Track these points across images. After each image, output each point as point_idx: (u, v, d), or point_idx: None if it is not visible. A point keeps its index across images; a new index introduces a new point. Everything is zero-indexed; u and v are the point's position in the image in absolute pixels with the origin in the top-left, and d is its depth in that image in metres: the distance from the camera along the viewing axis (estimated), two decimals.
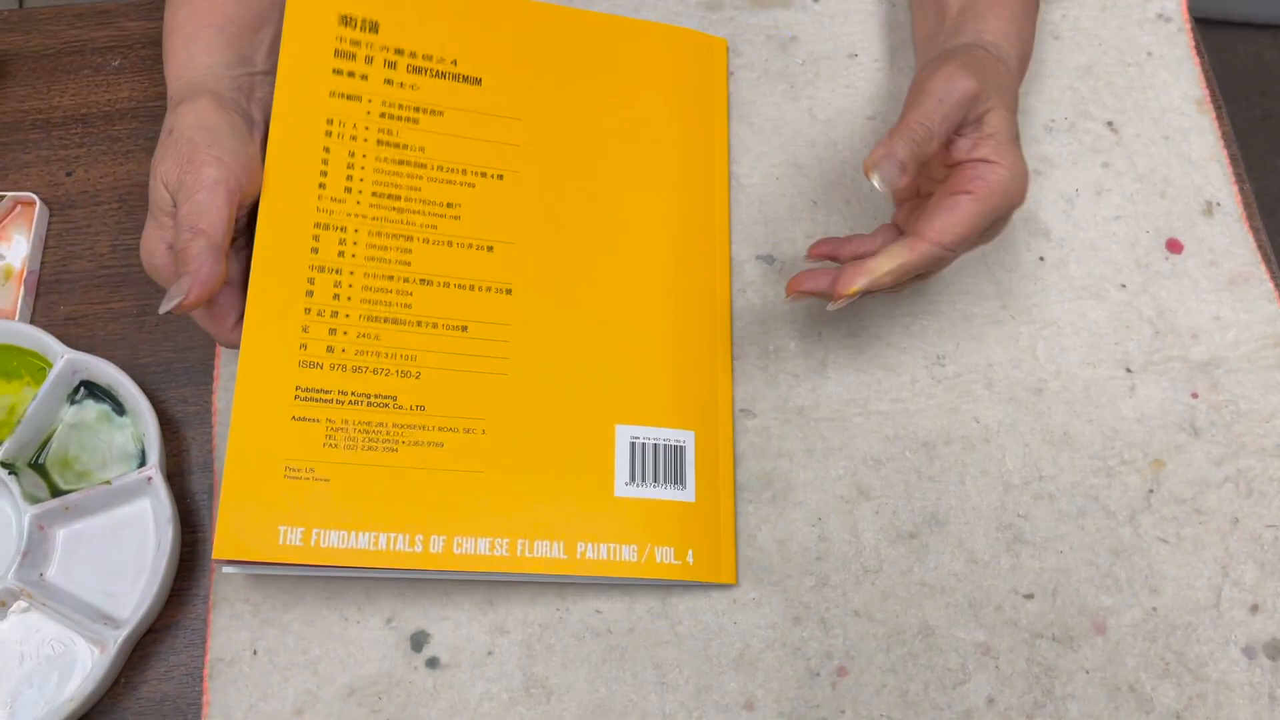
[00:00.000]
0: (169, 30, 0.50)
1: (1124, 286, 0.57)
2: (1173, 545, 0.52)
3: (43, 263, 0.57)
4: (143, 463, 0.51)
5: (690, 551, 0.50)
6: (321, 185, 0.50)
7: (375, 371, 0.49)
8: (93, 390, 0.53)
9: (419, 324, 0.50)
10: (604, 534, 0.49)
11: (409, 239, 0.51)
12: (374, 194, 0.51)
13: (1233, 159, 0.60)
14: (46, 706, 0.47)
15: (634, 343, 0.53)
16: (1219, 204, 0.58)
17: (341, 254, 0.50)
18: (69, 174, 0.58)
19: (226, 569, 0.47)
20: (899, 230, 0.51)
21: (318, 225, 0.50)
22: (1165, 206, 0.58)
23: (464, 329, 0.51)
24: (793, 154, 0.59)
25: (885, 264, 0.46)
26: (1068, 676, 0.50)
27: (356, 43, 0.52)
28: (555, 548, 0.49)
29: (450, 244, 0.52)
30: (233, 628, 0.50)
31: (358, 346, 0.49)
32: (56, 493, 0.51)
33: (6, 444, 0.50)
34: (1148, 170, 0.59)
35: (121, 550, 0.51)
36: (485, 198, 0.53)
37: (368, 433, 0.48)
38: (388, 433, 0.49)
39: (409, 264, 0.51)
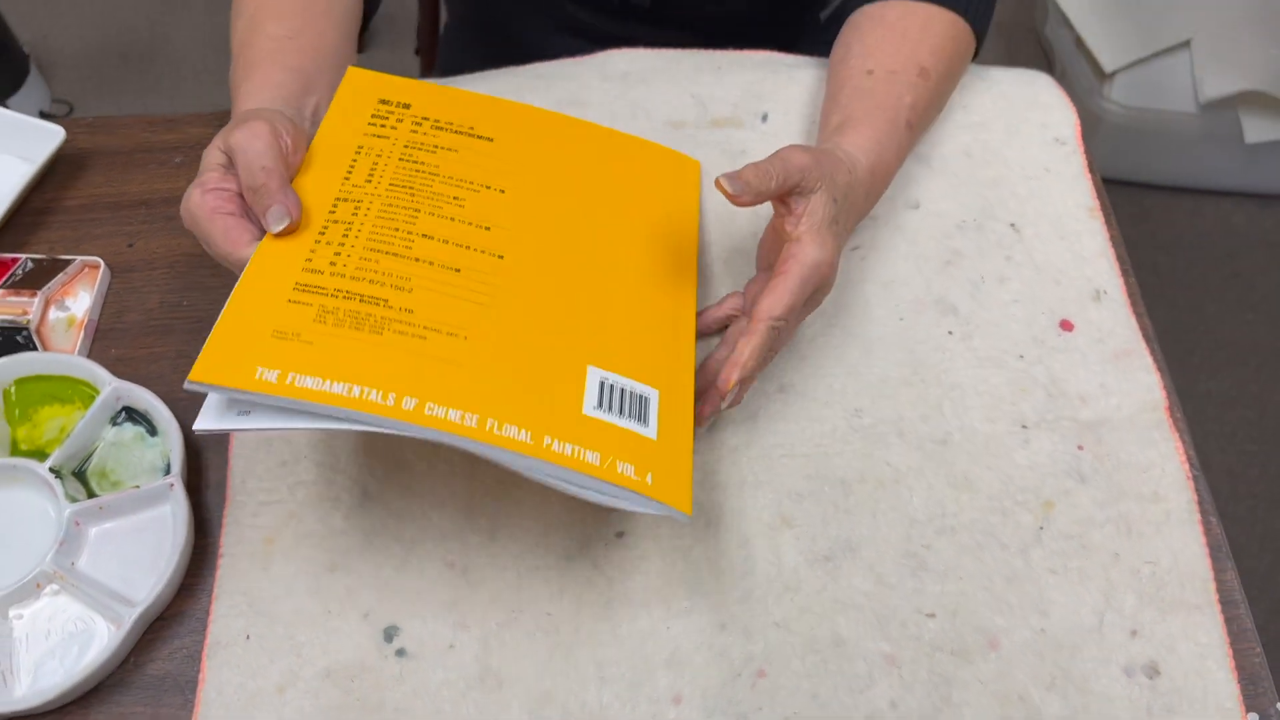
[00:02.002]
0: (234, 96, 0.61)
1: (1022, 357, 0.65)
2: (1060, 575, 0.59)
3: (101, 314, 0.67)
4: (168, 475, 0.60)
5: (650, 474, 0.51)
6: (346, 176, 0.58)
7: (370, 281, 0.53)
8: (132, 415, 0.62)
9: (416, 260, 0.54)
10: (570, 436, 0.51)
11: (416, 210, 0.57)
12: (390, 185, 0.58)
13: (1119, 257, 0.69)
14: (65, 674, 0.55)
15: (609, 314, 0.57)
16: (1106, 292, 0.68)
17: (355, 214, 0.56)
18: (130, 245, 0.70)
19: (201, 422, 0.48)
20: (739, 296, 0.62)
21: (338, 199, 0.56)
22: (1059, 293, 0.68)
23: (457, 270, 0.55)
24: (740, 242, 0.70)
25: (744, 352, 0.55)
26: (963, 686, 0.56)
27: (390, 111, 0.62)
28: (523, 434, 0.50)
29: (453, 220, 0.57)
30: (230, 615, 0.57)
31: (357, 265, 0.53)
32: (92, 497, 0.60)
33: (55, 454, 0.60)
34: (1044, 263, 0.69)
35: (143, 546, 0.59)
36: (486, 200, 0.59)
37: (356, 317, 0.51)
38: (375, 321, 0.51)
39: (414, 224, 0.56)
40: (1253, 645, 0.58)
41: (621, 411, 0.53)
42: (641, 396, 0.54)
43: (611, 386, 0.54)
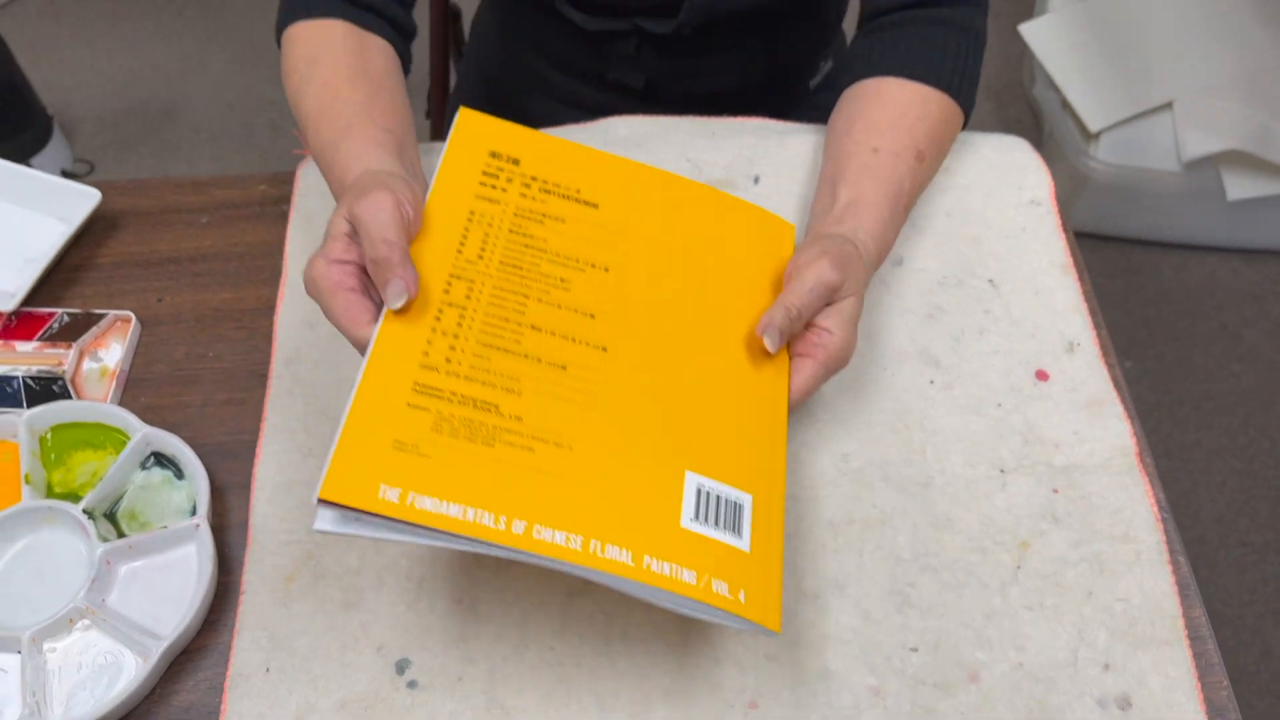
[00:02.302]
0: (334, 164, 0.64)
1: (1000, 405, 0.69)
2: (1036, 612, 0.62)
3: (132, 364, 0.71)
4: (194, 516, 0.64)
5: (742, 591, 0.53)
6: (459, 250, 0.61)
7: (483, 384, 0.55)
8: (160, 459, 0.66)
9: (525, 356, 0.57)
10: (668, 554, 0.52)
11: (525, 296, 0.59)
12: (501, 262, 0.60)
13: (1091, 311, 0.73)
14: (95, 705, 0.58)
15: (708, 410, 0.59)
16: (1079, 344, 0.72)
17: (468, 296, 0.58)
18: (159, 299, 0.74)
19: (320, 524, 0.50)
20: None
21: (451, 275, 0.58)
22: (1035, 345, 0.72)
23: (563, 368, 0.57)
24: None
25: None
26: (945, 717, 0.59)
27: (501, 169, 0.65)
28: (624, 554, 0.52)
29: (560, 306, 0.59)
30: (251, 649, 0.61)
31: (471, 363, 0.55)
32: (122, 537, 0.63)
33: (88, 496, 0.63)
34: (1021, 316, 0.73)
35: (169, 584, 0.63)
36: (592, 280, 0.61)
37: (470, 427, 0.53)
38: (488, 431, 0.53)
39: (523, 313, 0.58)
40: (1220, 679, 0.61)
41: (717, 523, 0.55)
42: (736, 504, 0.56)
43: (708, 494, 0.56)
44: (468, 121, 0.67)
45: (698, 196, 0.69)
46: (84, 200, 0.75)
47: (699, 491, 0.56)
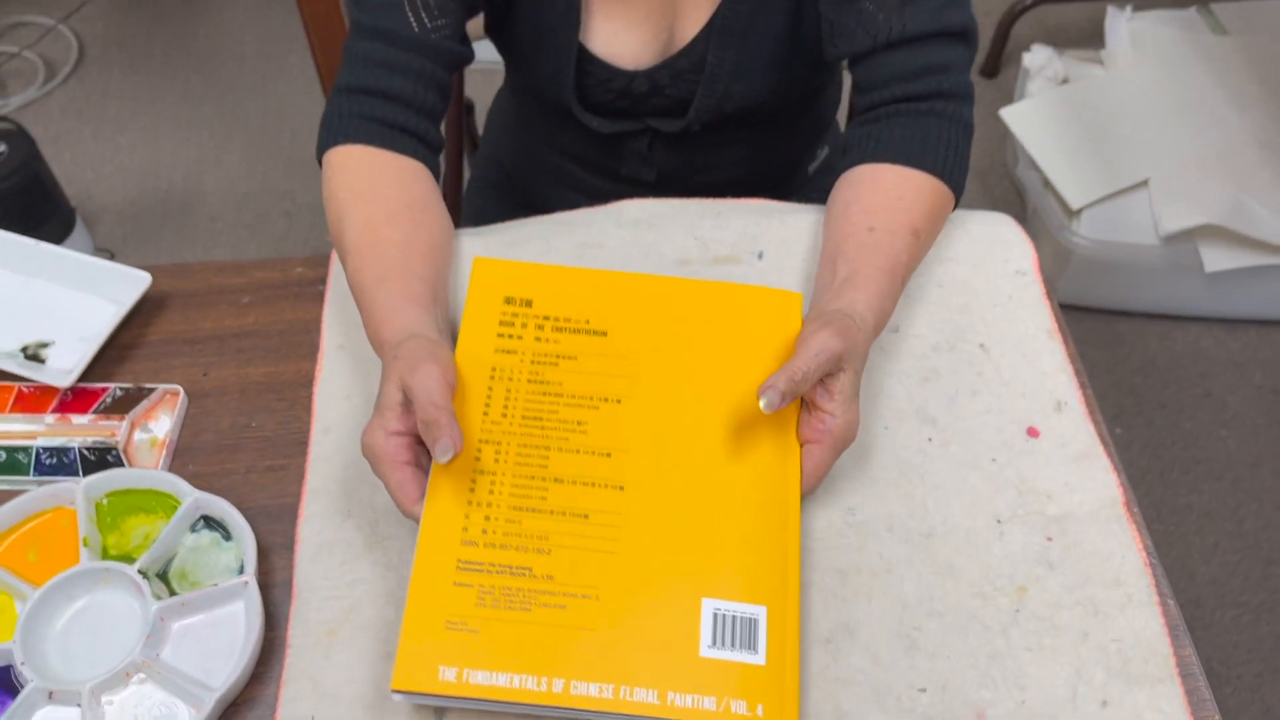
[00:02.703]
0: (373, 306, 0.71)
1: (994, 460, 0.74)
2: (1036, 652, 0.66)
3: (180, 434, 0.76)
4: (241, 574, 0.68)
5: (760, 705, 0.60)
6: (485, 412, 0.69)
7: (517, 549, 0.64)
8: (208, 522, 0.70)
9: (551, 512, 0.65)
10: (690, 686, 0.60)
11: (547, 449, 0.68)
12: (523, 417, 0.69)
13: (1077, 372, 0.79)
14: None
15: (722, 529, 0.66)
16: (1066, 403, 0.77)
17: (497, 460, 0.67)
18: (205, 374, 0.79)
19: (396, 697, 0.61)
20: None
21: (481, 440, 0.68)
22: (1025, 404, 0.77)
23: (585, 516, 0.66)
24: None
25: None
26: None
27: (516, 314, 0.73)
28: (650, 694, 0.60)
29: (578, 451, 0.68)
30: (297, 700, 0.64)
31: (504, 529, 0.65)
32: (174, 595, 0.67)
33: (143, 558, 0.68)
34: (1011, 378, 0.78)
35: (219, 638, 0.66)
36: (606, 417, 0.69)
37: (509, 595, 0.62)
38: (524, 596, 0.63)
39: (546, 467, 0.67)
40: (1211, 714, 0.65)
41: (734, 644, 0.62)
42: (751, 620, 0.63)
43: (724, 617, 0.63)
44: (482, 269, 0.75)
45: (702, 294, 0.76)
46: (135, 283, 0.81)
47: (715, 616, 0.63)
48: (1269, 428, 1.70)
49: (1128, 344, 1.80)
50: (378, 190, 0.77)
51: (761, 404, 0.64)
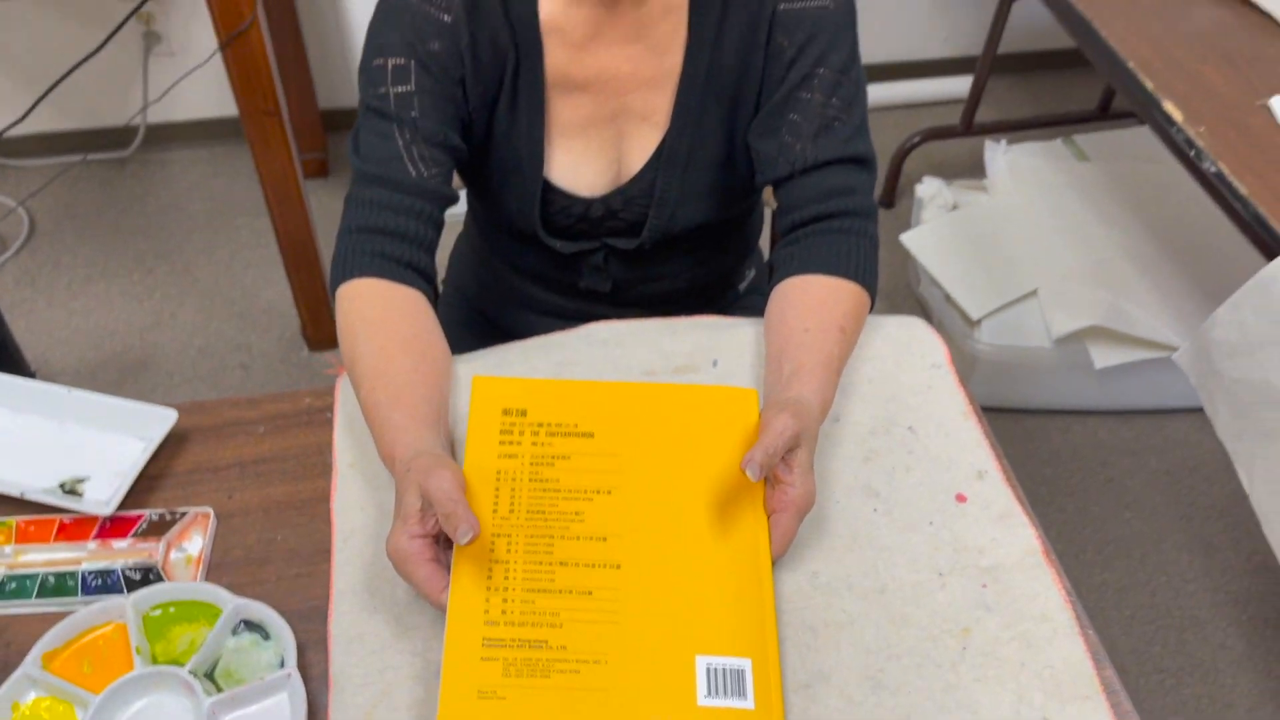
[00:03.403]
0: (385, 425, 0.81)
1: (931, 523, 0.86)
2: (983, 682, 0.77)
3: (212, 551, 0.84)
4: (283, 668, 0.76)
5: None
6: (495, 509, 0.79)
7: (533, 625, 0.73)
8: (248, 625, 0.78)
9: (560, 591, 0.75)
10: None
11: (551, 537, 0.78)
12: (528, 511, 0.79)
13: (992, 445, 0.92)
14: None
15: (707, 593, 0.76)
16: (986, 472, 0.90)
17: (509, 550, 0.77)
18: (230, 497, 0.88)
19: None
20: None
21: (494, 534, 0.77)
22: (951, 475, 0.90)
23: (589, 593, 0.75)
24: None
25: None
26: None
27: (514, 424, 0.84)
28: None
29: (578, 538, 0.78)
30: None
31: (521, 609, 0.74)
32: (221, 692, 0.75)
33: (192, 660, 0.75)
34: (938, 454, 0.91)
35: None
36: (600, 507, 0.80)
37: (530, 665, 0.72)
38: (544, 665, 0.72)
39: (551, 553, 0.77)
40: None
41: (725, 692, 0.72)
42: (739, 671, 0.73)
43: (716, 670, 0.73)
44: (481, 386, 0.87)
45: (672, 395, 0.88)
46: (163, 420, 0.90)
47: (709, 670, 0.73)
48: (1167, 507, 1.86)
49: (1035, 439, 1.96)
50: (389, 320, 0.88)
51: (748, 474, 0.76)
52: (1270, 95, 1.24)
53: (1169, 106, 1.23)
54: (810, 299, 0.92)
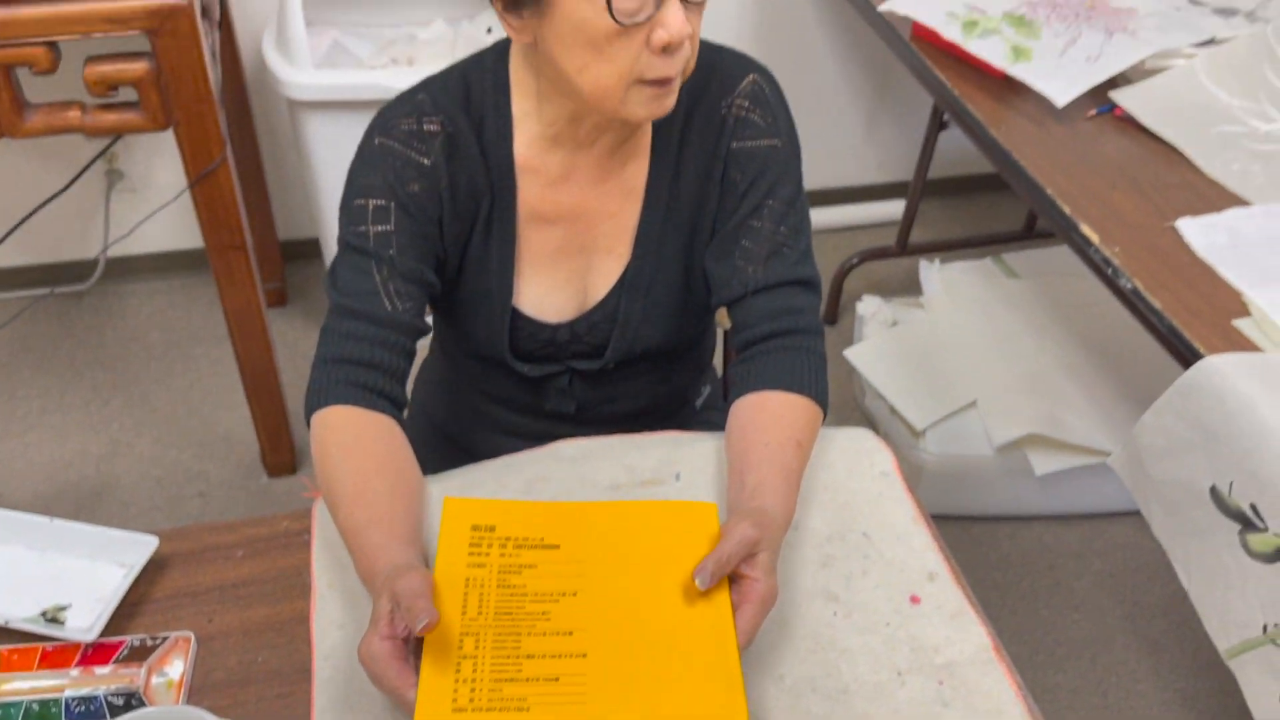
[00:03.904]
0: (364, 545, 0.84)
1: (888, 624, 0.91)
2: None
3: (193, 675, 0.86)
4: None
5: None
6: (463, 611, 0.81)
7: (500, 710, 0.75)
8: None
9: (527, 679, 0.77)
10: None
11: (519, 634, 0.80)
12: (496, 613, 0.82)
13: (941, 548, 0.97)
14: None
15: (670, 684, 0.78)
16: (937, 574, 0.95)
17: (477, 647, 0.79)
18: (210, 620, 0.90)
19: None
20: None
21: (462, 633, 0.80)
22: (905, 577, 0.94)
23: (556, 679, 0.78)
24: None
25: None
26: None
27: (483, 538, 0.87)
28: None
29: (545, 634, 0.81)
30: None
31: (488, 695, 0.76)
32: None
33: None
34: (892, 558, 0.96)
35: None
36: (566, 608, 0.83)
37: None
38: None
39: (519, 648, 0.79)
40: None
41: None
42: None
43: None
44: (451, 506, 0.91)
45: (635, 510, 0.93)
46: (143, 547, 0.92)
47: None
48: (1114, 607, 1.92)
49: (983, 544, 2.02)
50: (364, 445, 0.92)
51: (696, 581, 0.81)
52: (1176, 217, 1.35)
53: (1086, 229, 1.33)
54: (767, 415, 0.98)
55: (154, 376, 2.30)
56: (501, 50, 1.01)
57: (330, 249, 2.15)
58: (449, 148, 0.99)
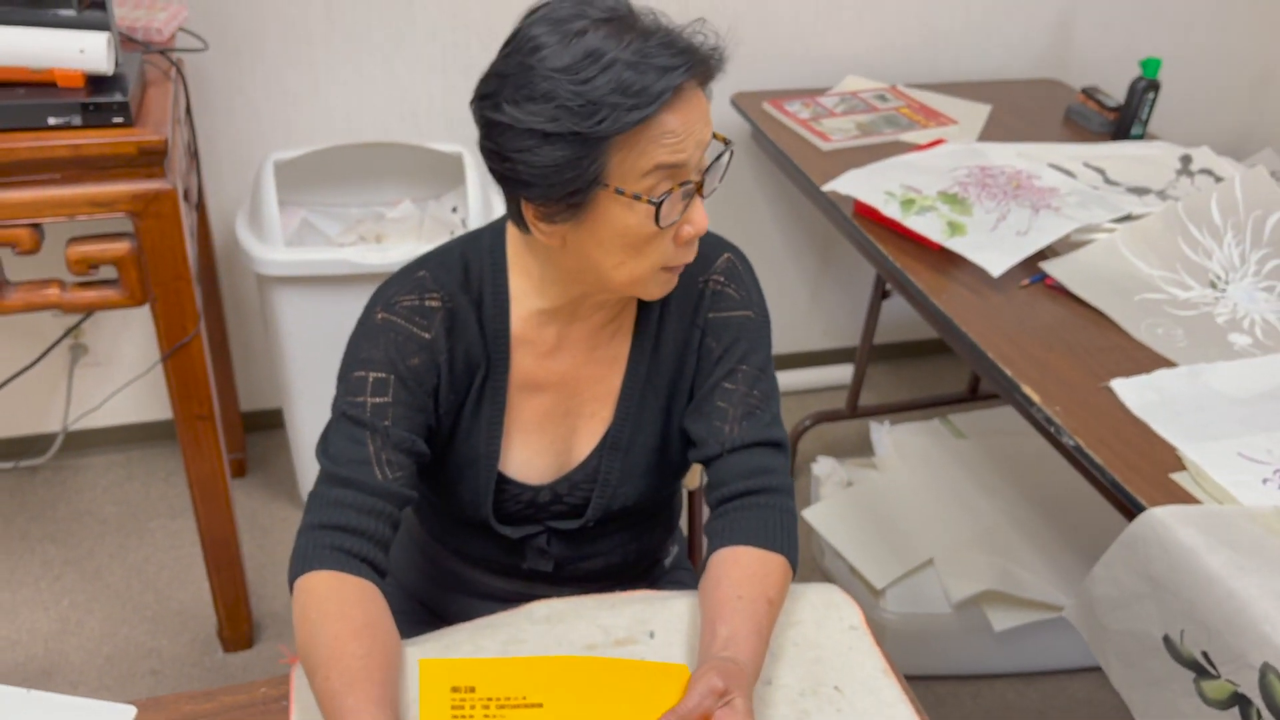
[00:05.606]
0: (340, 710, 0.85)
1: None
2: None
3: None
4: None
5: None
6: None
7: None
8: None
9: None
10: None
11: None
12: None
13: (911, 699, 1.00)
14: None
15: None
16: None
17: None
18: None
19: None
20: None
21: None
22: None
23: None
24: None
25: None
26: None
27: (464, 699, 0.88)
28: None
29: None
30: None
31: None
32: None
33: None
34: (863, 709, 0.98)
35: None
36: None
37: None
38: None
39: None
40: None
41: None
42: None
43: None
44: (428, 668, 0.93)
45: (611, 669, 0.96)
46: (119, 717, 0.92)
47: None
48: None
49: (947, 705, 2.02)
50: (344, 610, 0.94)
51: None
52: (1109, 378, 1.43)
53: (1027, 389, 1.41)
54: (741, 570, 1.02)
55: (108, 551, 2.26)
56: (498, 231, 1.09)
57: (295, 419, 2.18)
58: (449, 322, 1.05)
